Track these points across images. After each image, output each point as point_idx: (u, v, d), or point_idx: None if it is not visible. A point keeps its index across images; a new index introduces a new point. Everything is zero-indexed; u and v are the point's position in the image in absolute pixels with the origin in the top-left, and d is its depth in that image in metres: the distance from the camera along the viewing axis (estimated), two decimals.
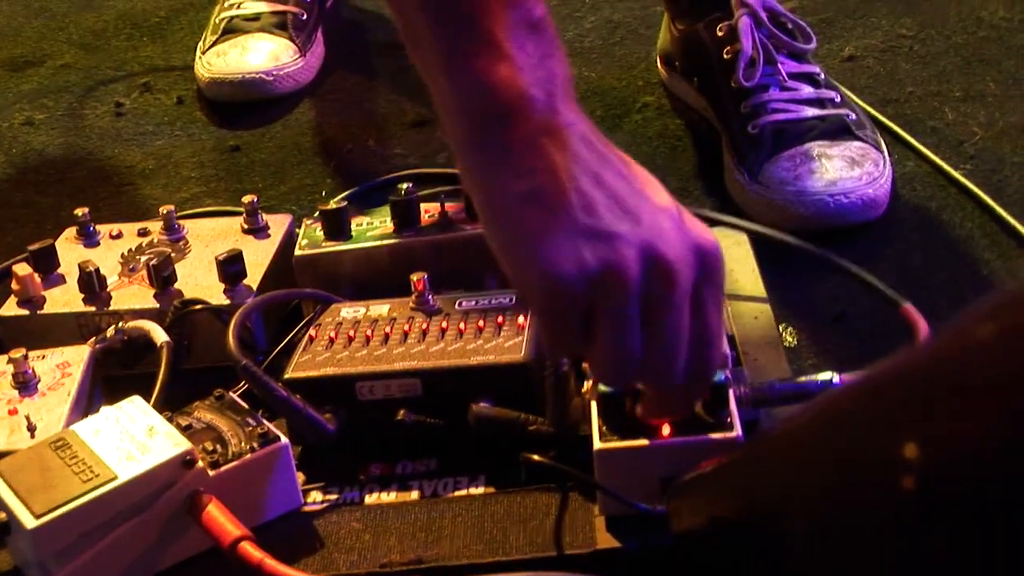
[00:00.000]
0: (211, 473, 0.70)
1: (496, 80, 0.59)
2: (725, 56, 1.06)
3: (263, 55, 1.26)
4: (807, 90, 1.03)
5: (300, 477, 0.75)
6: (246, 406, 0.75)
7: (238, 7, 1.31)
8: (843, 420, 0.43)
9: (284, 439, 0.73)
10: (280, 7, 1.31)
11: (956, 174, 1.04)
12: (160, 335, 0.83)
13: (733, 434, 0.67)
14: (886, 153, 1.02)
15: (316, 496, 0.74)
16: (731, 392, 0.70)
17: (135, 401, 0.75)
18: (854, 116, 1.03)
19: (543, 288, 0.59)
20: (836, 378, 0.73)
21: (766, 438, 0.56)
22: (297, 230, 0.94)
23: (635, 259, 0.59)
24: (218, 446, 0.72)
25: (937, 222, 0.99)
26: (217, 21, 1.30)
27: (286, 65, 1.27)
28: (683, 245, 0.60)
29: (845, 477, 0.43)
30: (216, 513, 0.69)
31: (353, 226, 0.90)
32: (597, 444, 0.68)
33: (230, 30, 1.29)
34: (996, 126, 1.10)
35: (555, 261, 0.59)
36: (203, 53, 1.29)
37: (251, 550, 0.67)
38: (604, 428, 0.68)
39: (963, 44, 1.22)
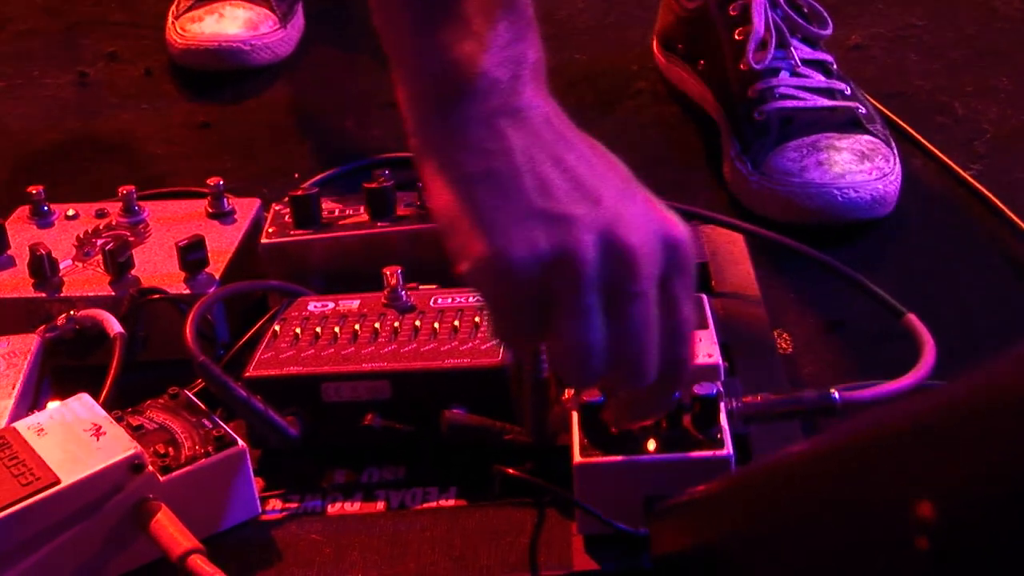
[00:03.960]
0: (161, 478, 0.67)
1: (458, 56, 0.58)
2: (736, 37, 1.02)
3: (241, 23, 1.21)
4: (818, 78, 1.00)
5: (259, 484, 0.72)
6: (203, 406, 0.72)
7: None
8: (850, 466, 0.39)
9: (242, 443, 0.69)
10: None
11: (965, 174, 0.99)
12: (114, 325, 0.79)
13: (723, 452, 0.64)
14: (895, 150, 0.98)
15: (275, 504, 0.71)
16: (722, 406, 0.66)
17: (82, 398, 0.71)
18: (864, 110, 0.99)
19: (492, 272, 0.57)
20: (836, 394, 0.69)
21: (764, 469, 0.52)
22: (265, 215, 0.89)
23: (592, 243, 0.57)
24: (170, 449, 0.69)
25: (944, 225, 0.96)
26: None
27: (265, 35, 1.22)
28: (647, 231, 0.58)
29: (851, 528, 0.39)
30: (165, 522, 0.65)
31: (325, 213, 0.86)
32: (577, 458, 0.65)
33: None
34: (1008, 123, 1.06)
35: (505, 244, 0.57)
36: (176, 18, 1.23)
37: (201, 564, 0.64)
38: (585, 441, 0.65)
39: (975, 36, 1.18)
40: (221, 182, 0.91)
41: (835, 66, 1.02)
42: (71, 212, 0.91)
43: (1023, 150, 1.03)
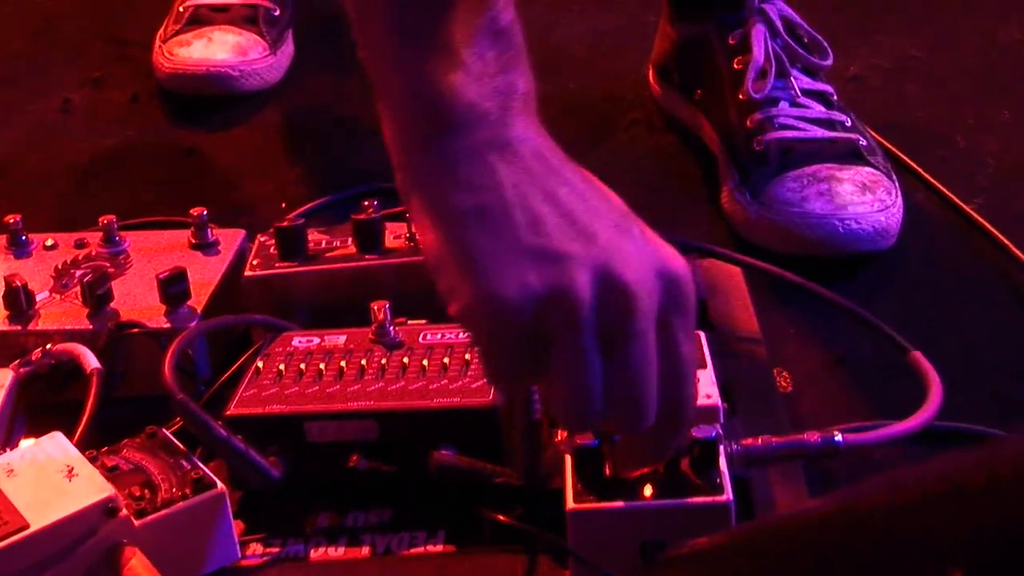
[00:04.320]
0: (136, 523, 0.64)
1: (445, 87, 0.56)
2: (735, 66, 1.00)
3: (230, 48, 1.20)
4: (819, 109, 0.98)
5: (239, 527, 0.69)
6: (181, 446, 0.70)
7: None
8: (874, 530, 0.36)
9: (221, 485, 0.67)
10: (251, 0, 1.23)
11: (967, 208, 0.97)
12: (90, 360, 0.77)
13: (723, 498, 0.62)
14: (897, 183, 0.96)
15: (256, 549, 0.69)
16: (721, 450, 0.64)
17: (56, 437, 0.69)
18: (865, 142, 0.98)
19: (483, 314, 0.55)
20: (839, 436, 0.67)
21: (779, 526, 0.49)
22: (250, 246, 0.87)
23: (587, 282, 0.54)
24: (146, 491, 0.67)
25: (946, 259, 0.94)
26: (181, 9, 1.23)
27: (254, 60, 1.20)
28: (645, 267, 0.56)
29: None
30: (139, 569, 0.63)
31: (311, 245, 0.84)
32: (571, 504, 0.63)
33: (195, 20, 1.22)
34: (1010, 156, 1.05)
35: (497, 284, 0.55)
36: (163, 42, 1.21)
37: None
38: (579, 486, 0.63)
39: (976, 67, 1.17)
40: (205, 212, 0.89)
41: (835, 97, 1.01)
42: (49, 242, 0.89)
43: None
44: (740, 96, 1.00)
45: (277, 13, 1.24)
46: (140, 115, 1.20)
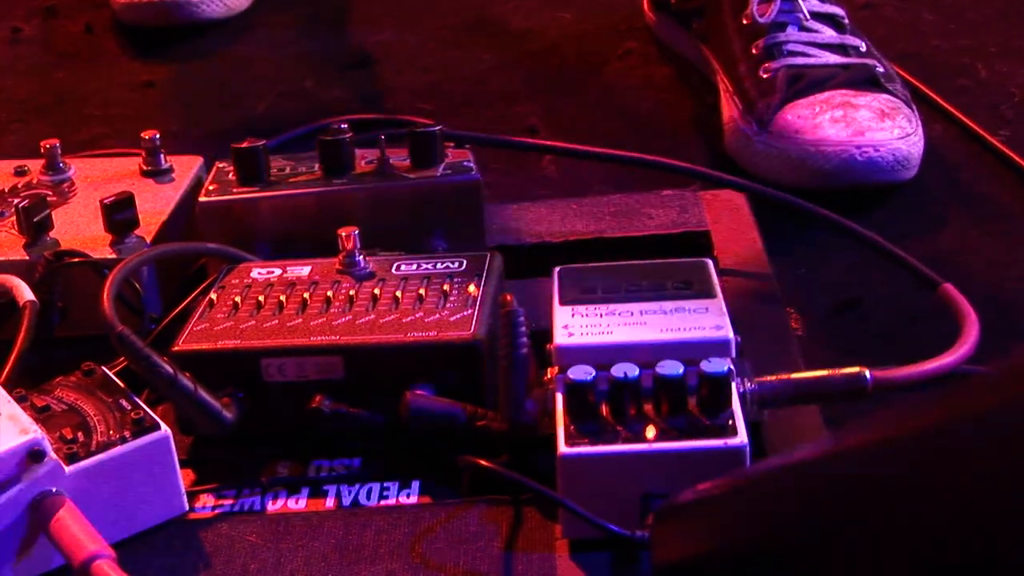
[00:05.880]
0: (67, 468, 0.59)
1: None
2: None
3: None
4: (830, 33, 0.92)
5: (186, 476, 0.64)
6: (122, 384, 0.64)
7: None
8: (928, 453, 0.28)
9: (165, 428, 0.61)
10: None
11: (993, 140, 0.91)
12: (24, 293, 0.71)
13: (736, 441, 0.55)
14: (917, 112, 0.89)
15: (206, 501, 0.63)
16: (734, 387, 0.57)
17: None
18: (882, 68, 0.91)
19: None
20: (867, 373, 0.59)
21: (803, 464, 0.41)
22: (208, 174, 0.80)
23: None
24: (80, 434, 0.61)
25: (971, 195, 0.88)
26: None
27: None
28: None
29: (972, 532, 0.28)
30: (69, 521, 0.57)
31: (273, 171, 0.78)
32: (562, 448, 0.56)
33: None
34: None
35: None
36: None
37: (108, 571, 0.55)
38: (571, 428, 0.57)
39: None
40: (157, 135, 0.82)
41: (847, 20, 0.94)
42: None
43: None
44: (743, 21, 0.94)
45: None
46: (94, 46, 1.15)
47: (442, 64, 1.10)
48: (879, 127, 0.85)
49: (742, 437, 0.55)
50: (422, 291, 0.66)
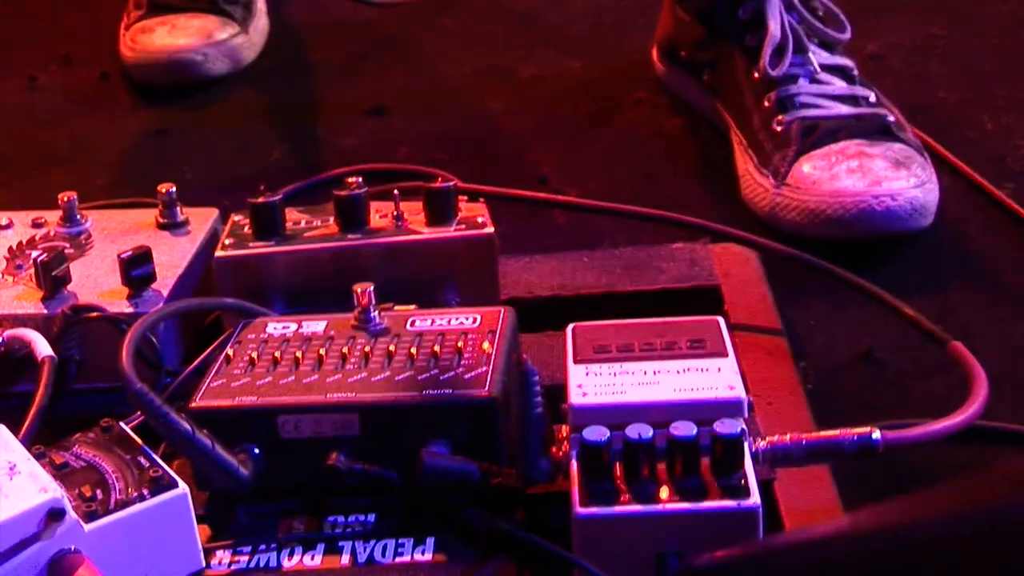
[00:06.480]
0: (86, 527, 0.59)
1: None
2: (748, 43, 0.95)
3: (193, 31, 1.17)
4: (839, 84, 0.93)
5: (203, 533, 0.64)
6: (139, 441, 0.64)
7: None
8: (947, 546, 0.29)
9: (183, 485, 0.61)
10: None
11: (999, 193, 0.92)
12: (42, 348, 0.72)
13: (750, 502, 0.56)
14: (929, 160, 0.90)
15: (222, 558, 0.63)
16: (747, 448, 0.58)
17: None
18: (893, 118, 0.92)
19: None
20: (877, 434, 0.60)
21: (820, 541, 0.42)
22: (223, 227, 0.80)
23: None
24: (99, 492, 0.61)
25: (980, 247, 0.89)
26: None
27: (221, 42, 1.16)
28: None
29: None
30: None
31: (289, 224, 0.78)
32: (577, 508, 0.57)
33: (156, 5, 1.19)
34: None
35: None
36: (127, 28, 1.19)
37: None
38: (586, 489, 0.57)
39: (1002, 46, 1.13)
40: (173, 189, 0.83)
41: (856, 72, 0.95)
42: (4, 221, 0.84)
43: None
44: (755, 75, 0.95)
45: None
46: (109, 94, 1.17)
47: (454, 112, 1.11)
48: (895, 176, 0.86)
49: (755, 498, 0.55)
50: (437, 348, 0.66)
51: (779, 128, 0.91)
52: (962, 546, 0.34)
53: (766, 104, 0.93)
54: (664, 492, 0.56)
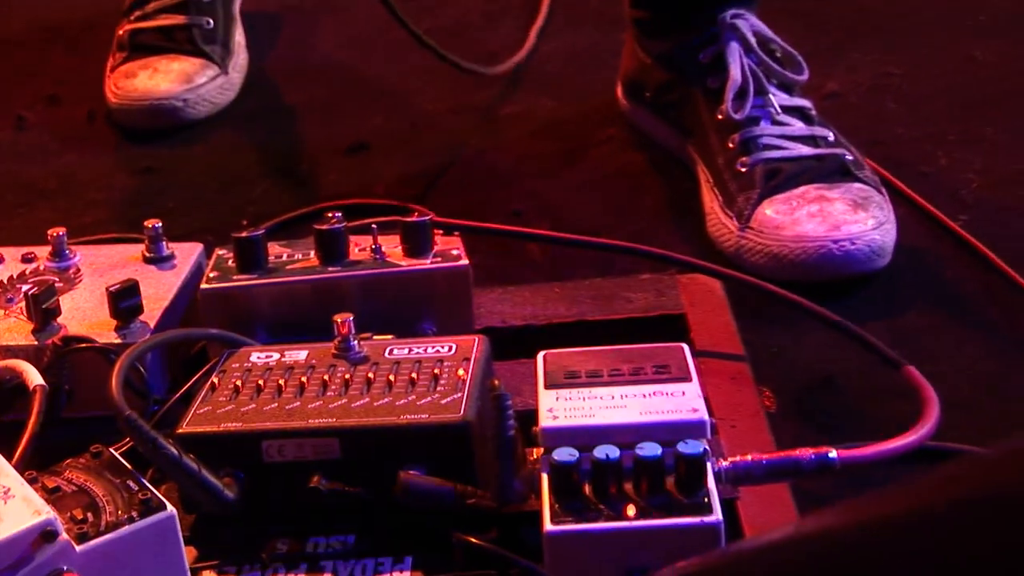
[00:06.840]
0: (78, 548, 0.60)
1: None
2: (710, 85, 0.97)
3: (175, 76, 1.18)
4: (799, 126, 0.95)
5: (190, 553, 0.66)
6: (128, 466, 0.66)
7: (143, 18, 1.20)
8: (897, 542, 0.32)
9: (171, 508, 0.63)
10: (181, 19, 1.20)
11: (954, 225, 0.95)
12: (33, 377, 0.73)
13: (712, 518, 0.58)
14: (887, 196, 0.93)
15: None
16: (709, 467, 0.60)
17: None
18: (851, 156, 0.94)
19: None
20: (834, 453, 0.63)
21: (780, 545, 0.44)
22: (208, 260, 0.82)
23: None
24: (89, 514, 0.62)
25: (934, 277, 0.91)
26: (122, 34, 1.20)
27: (201, 86, 1.17)
28: None
29: None
30: None
31: (271, 258, 0.80)
32: (548, 526, 0.59)
33: (138, 47, 1.20)
34: (995, 172, 1.02)
35: None
36: (111, 71, 1.20)
37: None
38: (556, 507, 0.59)
39: (956, 85, 1.15)
40: (159, 224, 0.85)
41: (814, 112, 0.97)
42: None
43: (1012, 200, 0.99)
44: (718, 116, 0.97)
45: (211, 25, 1.21)
46: (96, 133, 1.18)
47: (431, 148, 1.13)
48: (854, 219, 0.89)
49: (717, 515, 0.58)
50: (414, 375, 0.69)
51: (743, 169, 0.93)
52: (895, 545, 0.36)
53: (730, 146, 0.95)
54: (631, 509, 0.58)
